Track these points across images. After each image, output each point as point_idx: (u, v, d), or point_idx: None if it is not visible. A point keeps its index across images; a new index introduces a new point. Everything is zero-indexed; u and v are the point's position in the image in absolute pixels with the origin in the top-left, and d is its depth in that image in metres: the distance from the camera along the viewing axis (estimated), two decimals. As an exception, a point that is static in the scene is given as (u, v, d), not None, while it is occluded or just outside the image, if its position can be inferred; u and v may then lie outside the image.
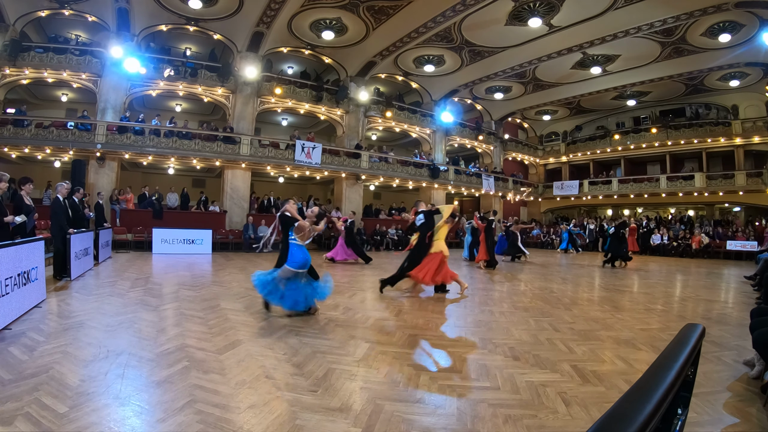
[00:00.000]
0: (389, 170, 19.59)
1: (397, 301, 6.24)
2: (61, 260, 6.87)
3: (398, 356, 3.64)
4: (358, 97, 18.61)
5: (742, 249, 16.50)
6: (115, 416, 2.40)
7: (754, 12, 12.91)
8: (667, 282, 9.35)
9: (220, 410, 2.52)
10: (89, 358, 3.30)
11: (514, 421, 2.51)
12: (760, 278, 7.86)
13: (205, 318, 4.77)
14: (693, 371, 1.15)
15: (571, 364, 3.53)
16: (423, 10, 13.77)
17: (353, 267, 10.71)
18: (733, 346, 4.17)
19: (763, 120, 18.77)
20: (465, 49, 16.77)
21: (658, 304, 6.58)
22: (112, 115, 14.70)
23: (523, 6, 13.40)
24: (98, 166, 14.33)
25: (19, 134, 13.51)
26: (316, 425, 2.39)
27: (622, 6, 12.98)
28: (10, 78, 14.26)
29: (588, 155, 25.12)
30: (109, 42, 14.32)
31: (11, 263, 4.19)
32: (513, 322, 5.04)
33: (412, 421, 2.48)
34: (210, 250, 13.23)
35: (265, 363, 3.35)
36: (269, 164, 16.66)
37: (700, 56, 16.15)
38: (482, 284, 8.34)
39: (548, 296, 6.95)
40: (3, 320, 3.95)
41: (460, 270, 10.07)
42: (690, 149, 21.19)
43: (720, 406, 2.79)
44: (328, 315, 5.13)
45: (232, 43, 16.27)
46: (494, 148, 24.64)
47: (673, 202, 21.86)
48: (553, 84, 20.31)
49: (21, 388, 2.68)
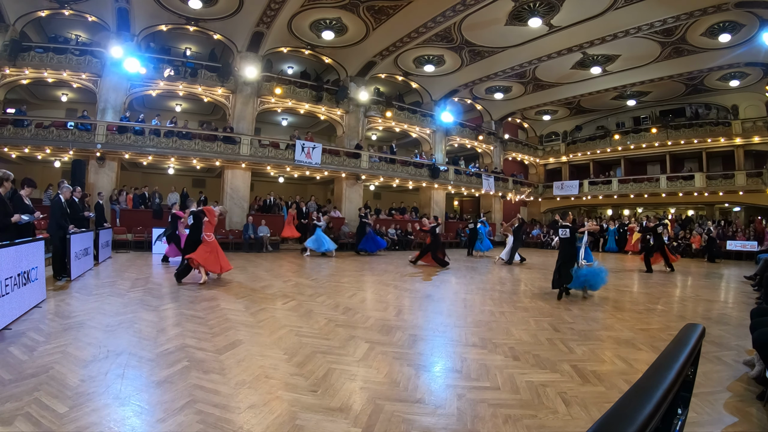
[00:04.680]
0: (389, 170, 19.59)
1: (397, 301, 6.24)
2: (60, 260, 6.87)
3: (398, 356, 3.64)
4: (358, 97, 18.61)
5: (742, 249, 16.50)
6: (115, 416, 2.40)
7: (754, 12, 12.91)
8: (667, 282, 9.35)
9: (220, 410, 2.52)
10: (89, 358, 3.30)
11: (514, 421, 2.51)
12: (760, 278, 7.86)
13: (205, 318, 4.77)
14: (693, 371, 1.15)
15: (571, 364, 3.53)
16: (423, 10, 13.76)
17: (352, 267, 10.72)
18: (733, 346, 4.17)
19: (763, 120, 18.77)
20: (465, 49, 16.77)
21: (658, 304, 6.58)
22: (112, 115, 14.70)
23: (523, 6, 13.40)
24: (98, 166, 14.33)
25: (19, 134, 13.51)
26: (316, 425, 2.39)
27: (622, 6, 12.97)
28: (10, 78, 14.26)
29: (588, 155, 25.12)
30: (109, 42, 14.31)
31: (11, 263, 4.19)
32: (513, 322, 5.04)
33: (412, 421, 2.48)
34: (210, 250, 13.20)
35: (265, 363, 3.36)
36: (269, 164, 16.66)
37: (700, 56, 16.14)
38: (482, 284, 8.34)
39: (548, 296, 6.95)
40: (3, 320, 3.95)
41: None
42: (690, 149, 21.19)
43: (720, 406, 2.79)
44: (328, 315, 5.13)
45: (232, 43, 16.27)
46: (494, 148, 24.64)
47: (673, 202, 21.86)
48: (553, 84, 20.31)
49: (21, 388, 2.68)
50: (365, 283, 8.04)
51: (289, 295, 6.43)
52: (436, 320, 5.11)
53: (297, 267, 10.23)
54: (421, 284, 8.08)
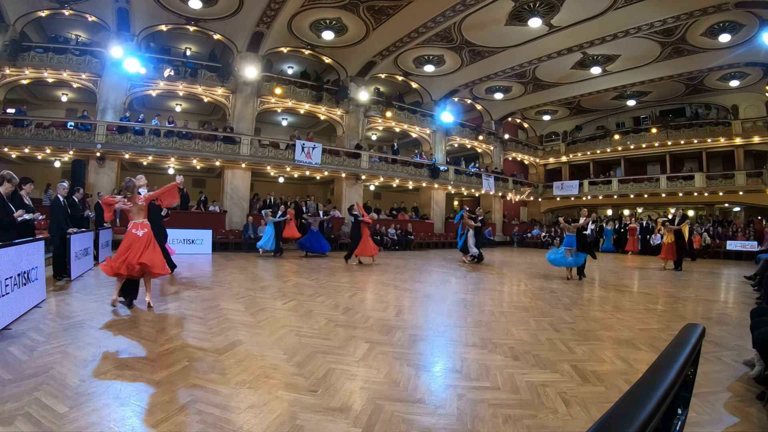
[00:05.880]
0: (389, 170, 19.59)
1: (397, 301, 6.24)
2: (60, 260, 6.87)
3: (398, 356, 3.64)
4: (358, 97, 18.61)
5: (742, 249, 16.51)
6: (115, 416, 2.40)
7: (754, 12, 12.91)
8: (667, 282, 9.35)
9: (220, 410, 2.52)
10: (89, 358, 3.30)
11: (514, 421, 2.51)
12: (760, 278, 7.85)
13: (205, 318, 4.76)
14: (693, 371, 1.15)
15: (571, 364, 3.53)
16: (423, 10, 13.77)
17: (352, 267, 10.72)
18: (733, 346, 4.16)
19: (763, 120, 18.77)
20: (465, 49, 16.77)
21: (658, 304, 6.58)
22: (112, 115, 14.71)
23: (523, 6, 13.40)
24: (98, 166, 14.34)
25: (19, 134, 13.52)
26: (316, 425, 2.39)
27: (622, 6, 12.98)
28: (10, 78, 14.27)
29: (588, 155, 25.12)
30: (109, 42, 14.32)
31: (11, 263, 4.19)
32: (513, 322, 5.04)
33: (412, 421, 2.48)
34: (210, 250, 13.22)
35: (265, 363, 3.35)
36: (269, 164, 16.67)
37: (700, 56, 16.15)
38: (482, 284, 8.33)
39: (548, 296, 6.95)
40: (3, 320, 3.94)
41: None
42: (690, 149, 21.19)
43: (720, 406, 2.78)
44: (328, 315, 5.13)
45: (232, 43, 16.28)
46: (494, 148, 24.64)
47: (673, 202, 21.84)
48: (553, 84, 20.31)
49: (21, 388, 2.68)
50: (365, 283, 8.04)
51: (289, 295, 6.43)
52: (436, 320, 5.11)
53: (297, 267, 10.23)
54: (421, 284, 8.08)
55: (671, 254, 11.51)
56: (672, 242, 11.47)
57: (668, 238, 11.56)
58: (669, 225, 11.72)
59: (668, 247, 11.55)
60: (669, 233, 11.55)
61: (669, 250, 11.53)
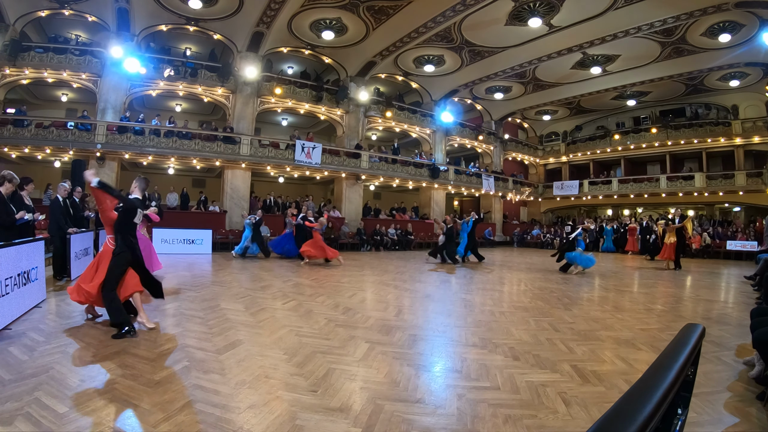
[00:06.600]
0: (389, 170, 19.59)
1: (397, 301, 6.24)
2: (60, 260, 6.87)
3: (398, 356, 3.64)
4: (358, 97, 18.61)
5: (742, 249, 16.51)
6: (115, 416, 2.40)
7: (754, 12, 12.91)
8: (667, 282, 9.35)
9: (220, 410, 2.52)
10: (89, 358, 3.30)
11: (514, 421, 2.51)
12: (760, 278, 7.85)
13: (205, 318, 4.77)
14: (693, 371, 1.15)
15: (571, 364, 3.53)
16: (423, 10, 13.77)
17: (352, 267, 10.72)
18: (733, 346, 4.16)
19: (763, 120, 18.77)
20: (465, 49, 16.77)
21: (658, 304, 6.58)
22: (112, 115, 14.70)
23: (523, 6, 13.40)
24: (98, 166, 14.32)
25: (19, 134, 13.52)
26: (316, 425, 2.39)
27: (622, 6, 12.98)
28: (10, 78, 14.27)
29: (588, 155, 25.12)
30: (109, 42, 14.32)
31: (11, 263, 4.19)
32: (513, 322, 5.04)
33: (412, 421, 2.48)
34: (210, 250, 13.24)
35: (265, 363, 3.35)
36: (269, 164, 16.67)
37: (700, 56, 16.15)
38: (482, 284, 8.34)
39: (548, 296, 6.95)
40: (3, 320, 3.94)
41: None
42: (690, 149, 21.19)
43: (720, 406, 2.78)
44: (328, 315, 5.13)
45: (232, 43, 16.28)
46: (494, 148, 24.64)
47: (673, 202, 21.83)
48: (553, 84, 20.31)
49: (21, 388, 2.68)
50: (365, 283, 8.04)
51: (289, 295, 6.43)
52: (436, 320, 5.11)
53: (297, 267, 10.23)
54: (421, 284, 8.09)
55: (671, 254, 11.51)
56: (673, 242, 11.45)
57: (670, 239, 11.55)
58: (671, 224, 11.71)
59: (669, 248, 11.53)
60: (671, 233, 11.54)
61: (670, 251, 11.50)
